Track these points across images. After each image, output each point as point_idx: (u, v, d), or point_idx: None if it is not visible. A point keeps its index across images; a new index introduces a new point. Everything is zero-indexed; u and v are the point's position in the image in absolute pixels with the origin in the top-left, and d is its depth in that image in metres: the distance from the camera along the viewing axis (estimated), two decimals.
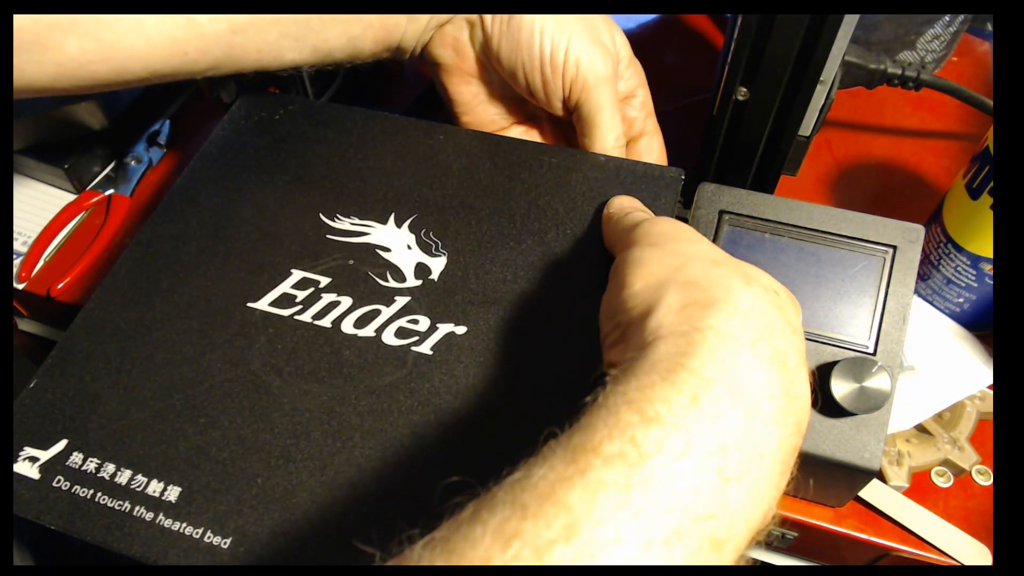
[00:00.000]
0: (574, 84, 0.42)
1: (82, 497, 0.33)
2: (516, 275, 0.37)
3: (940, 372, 0.44)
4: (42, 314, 0.54)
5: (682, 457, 0.22)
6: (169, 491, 0.32)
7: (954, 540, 0.39)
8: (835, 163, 0.55)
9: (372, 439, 0.33)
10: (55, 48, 0.35)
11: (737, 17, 0.38)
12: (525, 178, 0.41)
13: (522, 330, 0.36)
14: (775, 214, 0.39)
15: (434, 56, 0.45)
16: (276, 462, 0.33)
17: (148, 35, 0.36)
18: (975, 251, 0.42)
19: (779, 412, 0.25)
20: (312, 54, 0.41)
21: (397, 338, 0.36)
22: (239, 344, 0.36)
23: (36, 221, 0.54)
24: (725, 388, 0.24)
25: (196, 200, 0.42)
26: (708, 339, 0.25)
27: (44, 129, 0.54)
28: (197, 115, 0.60)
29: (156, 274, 0.39)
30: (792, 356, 0.27)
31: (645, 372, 0.24)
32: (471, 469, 0.32)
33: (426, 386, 0.34)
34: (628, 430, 0.22)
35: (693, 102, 0.57)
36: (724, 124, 0.42)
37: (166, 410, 0.35)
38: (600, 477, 0.21)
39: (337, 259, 0.39)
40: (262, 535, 0.31)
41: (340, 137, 0.44)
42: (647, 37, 0.65)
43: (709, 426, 0.23)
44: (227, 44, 0.38)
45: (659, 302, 0.28)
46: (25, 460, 0.34)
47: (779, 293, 0.29)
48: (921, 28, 0.55)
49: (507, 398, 0.34)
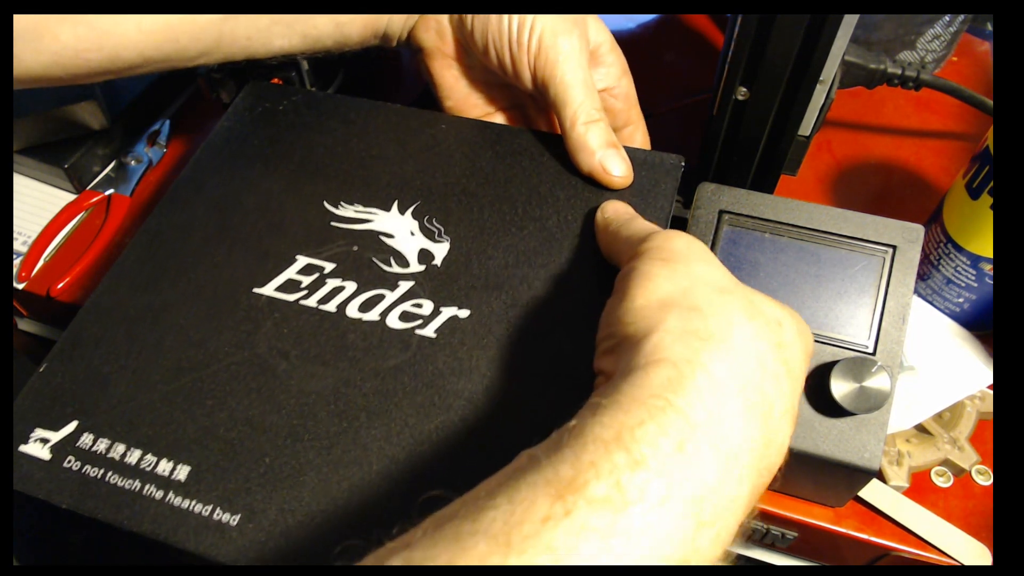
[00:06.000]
0: (537, 59, 0.41)
1: (92, 477, 0.33)
2: (518, 260, 0.38)
3: (940, 372, 0.44)
4: (42, 314, 0.54)
5: (662, 505, 0.23)
6: (178, 470, 0.33)
7: (954, 540, 0.39)
8: (835, 163, 0.55)
9: (378, 419, 0.34)
10: (51, 36, 0.35)
11: (737, 17, 0.38)
12: (526, 166, 0.41)
13: (524, 313, 0.36)
14: (775, 214, 0.39)
15: (418, 41, 0.45)
16: (283, 442, 0.33)
17: (140, 22, 0.37)
18: (975, 251, 0.42)
19: (756, 462, 0.26)
20: (302, 41, 0.42)
21: (401, 322, 0.36)
22: (246, 328, 0.37)
23: (36, 221, 0.54)
24: (707, 437, 0.24)
25: (202, 189, 0.43)
26: (698, 378, 0.25)
27: (44, 129, 0.54)
28: (197, 115, 0.60)
29: (163, 261, 0.40)
30: (779, 404, 0.27)
31: (635, 406, 0.25)
32: (475, 449, 0.32)
33: (430, 368, 0.35)
34: (615, 473, 0.23)
35: (693, 102, 0.57)
36: (724, 124, 0.42)
37: (175, 392, 0.35)
38: (584, 522, 0.22)
39: (341, 245, 0.39)
40: (270, 512, 0.32)
41: (343, 127, 0.44)
42: (647, 37, 0.65)
43: (690, 475, 0.23)
44: (217, 31, 0.39)
45: (659, 324, 0.27)
46: (36, 441, 0.34)
47: (782, 324, 0.29)
48: (921, 28, 0.55)
49: (509, 379, 0.34)
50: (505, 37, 0.41)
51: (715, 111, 0.42)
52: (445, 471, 0.32)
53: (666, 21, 0.66)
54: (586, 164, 0.39)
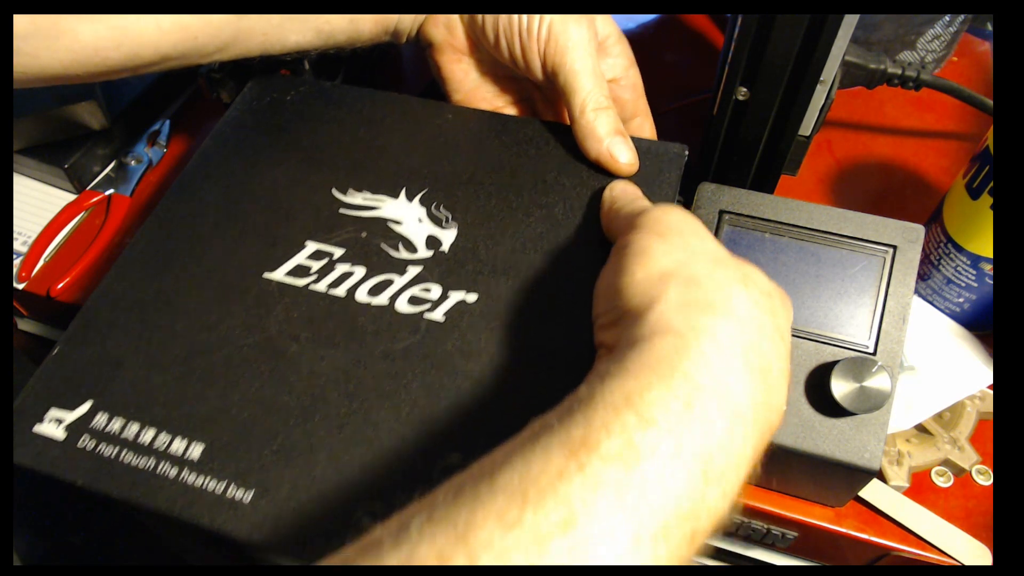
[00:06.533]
0: (547, 48, 0.42)
1: (107, 455, 0.34)
2: (525, 246, 0.38)
3: (940, 372, 0.44)
4: (42, 314, 0.54)
5: (672, 461, 0.23)
6: (192, 448, 0.33)
7: (954, 540, 0.39)
8: (835, 163, 0.55)
9: (387, 400, 0.34)
10: (70, 34, 0.36)
11: (737, 17, 0.38)
12: (532, 154, 0.42)
13: (531, 297, 0.37)
14: (775, 214, 0.39)
15: (428, 35, 0.46)
16: (295, 421, 0.34)
17: (159, 21, 0.37)
18: (975, 251, 0.42)
19: (758, 419, 0.26)
20: (316, 36, 0.43)
21: (410, 306, 0.37)
22: (257, 312, 0.37)
23: (36, 221, 0.54)
24: (714, 397, 0.25)
25: (211, 177, 0.43)
26: (703, 343, 0.26)
27: (44, 129, 0.54)
28: (197, 115, 0.60)
29: (174, 247, 0.40)
30: (776, 365, 0.28)
31: (644, 372, 0.25)
32: (484, 427, 0.33)
33: (439, 350, 0.35)
34: (626, 432, 0.23)
35: (693, 102, 0.57)
36: (724, 124, 0.42)
37: (187, 374, 0.36)
38: (599, 476, 0.22)
39: (350, 231, 0.40)
40: (283, 489, 0.32)
41: (351, 117, 0.45)
42: (647, 37, 0.65)
43: (698, 432, 0.24)
44: (234, 28, 0.40)
45: (660, 297, 0.28)
46: (51, 421, 0.35)
47: (772, 296, 0.30)
48: (921, 28, 0.55)
49: (517, 361, 0.35)
50: (515, 27, 0.42)
51: (715, 111, 0.42)
52: (454, 448, 0.32)
53: (666, 21, 0.66)
54: (594, 151, 0.40)
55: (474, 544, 0.21)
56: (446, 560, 0.21)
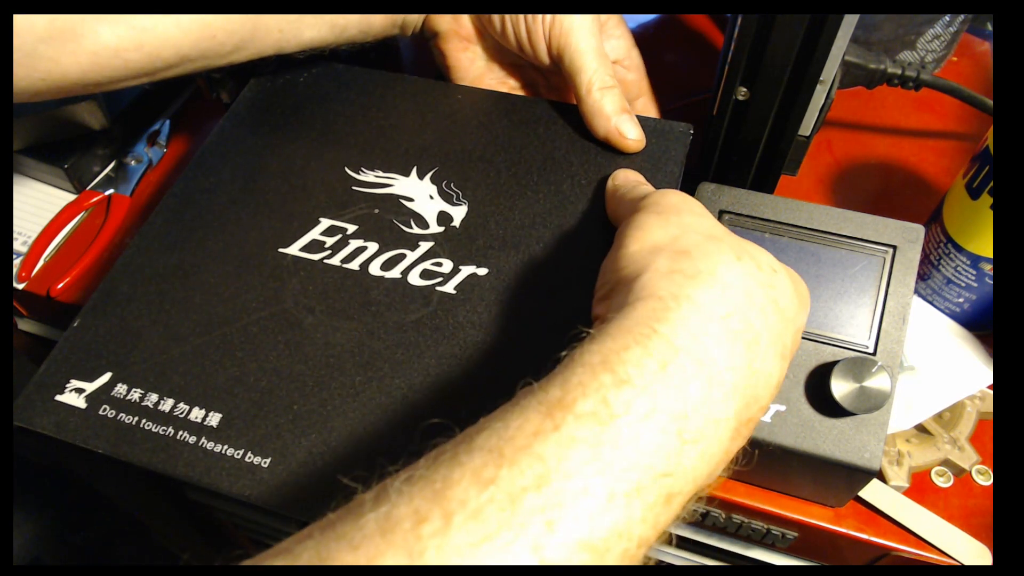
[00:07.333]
0: (552, 30, 0.43)
1: (127, 424, 0.34)
2: (534, 221, 0.39)
3: (940, 372, 0.43)
4: (42, 314, 0.54)
5: (647, 419, 0.23)
6: (210, 417, 0.34)
7: (954, 540, 0.39)
8: (835, 163, 0.55)
9: (401, 369, 0.35)
10: (91, 36, 0.36)
11: (737, 17, 0.38)
12: (541, 133, 0.43)
13: (539, 271, 0.38)
14: (775, 214, 0.39)
15: (434, 25, 0.47)
16: (311, 390, 0.35)
17: (179, 20, 0.38)
18: (975, 251, 0.42)
19: (739, 384, 0.26)
20: (330, 31, 0.44)
21: (422, 279, 0.38)
22: (272, 286, 0.38)
23: (36, 221, 0.54)
24: (691, 357, 0.25)
25: (227, 156, 0.44)
26: (683, 307, 0.26)
27: (44, 129, 0.54)
28: (197, 115, 0.60)
29: (191, 223, 0.41)
30: (765, 336, 0.28)
31: (622, 334, 0.26)
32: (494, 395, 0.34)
33: (450, 321, 0.36)
34: (601, 391, 0.24)
35: (693, 102, 0.57)
36: (724, 124, 0.42)
37: (205, 345, 0.37)
38: (572, 434, 0.23)
39: (363, 208, 0.41)
40: (299, 455, 0.33)
41: (362, 98, 0.46)
42: (647, 37, 0.65)
43: (673, 392, 0.24)
44: (252, 25, 0.41)
45: (649, 266, 0.29)
46: (72, 391, 0.35)
47: (777, 272, 0.30)
48: (921, 28, 0.55)
49: (526, 332, 0.36)
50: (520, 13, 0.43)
51: (715, 111, 0.42)
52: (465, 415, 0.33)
53: (666, 21, 0.66)
54: (602, 128, 0.41)
55: (450, 501, 0.21)
56: (422, 517, 0.21)
